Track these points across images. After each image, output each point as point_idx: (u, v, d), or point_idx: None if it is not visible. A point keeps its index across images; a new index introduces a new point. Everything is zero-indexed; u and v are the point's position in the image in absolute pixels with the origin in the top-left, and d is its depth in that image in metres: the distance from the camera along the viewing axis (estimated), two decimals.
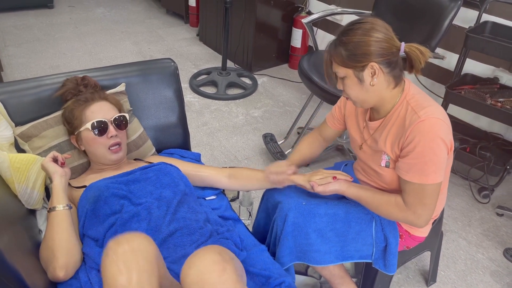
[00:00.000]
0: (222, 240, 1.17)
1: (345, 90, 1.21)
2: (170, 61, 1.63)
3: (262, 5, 3.21)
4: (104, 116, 1.30)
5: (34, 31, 3.96)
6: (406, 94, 1.19)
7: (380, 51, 1.12)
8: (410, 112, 1.15)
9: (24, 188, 1.19)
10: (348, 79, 1.17)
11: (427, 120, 1.11)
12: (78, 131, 1.30)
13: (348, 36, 1.13)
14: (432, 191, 1.15)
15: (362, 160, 1.37)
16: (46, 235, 1.12)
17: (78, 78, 1.39)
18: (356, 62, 1.13)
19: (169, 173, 1.32)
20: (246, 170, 1.46)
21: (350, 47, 1.12)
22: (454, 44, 2.49)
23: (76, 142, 1.34)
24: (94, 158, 1.35)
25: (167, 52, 3.74)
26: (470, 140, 2.37)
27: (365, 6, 2.88)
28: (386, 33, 1.13)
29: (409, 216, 1.19)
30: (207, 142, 2.59)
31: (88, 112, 1.30)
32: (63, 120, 1.35)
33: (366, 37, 1.11)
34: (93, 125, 1.27)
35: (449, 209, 2.18)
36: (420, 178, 1.14)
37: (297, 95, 3.19)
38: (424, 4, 2.09)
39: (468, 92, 2.20)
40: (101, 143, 1.29)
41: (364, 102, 1.21)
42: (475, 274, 1.84)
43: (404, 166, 1.17)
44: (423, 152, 1.11)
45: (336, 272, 1.42)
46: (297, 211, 1.31)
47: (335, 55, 1.17)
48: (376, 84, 1.15)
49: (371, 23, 1.13)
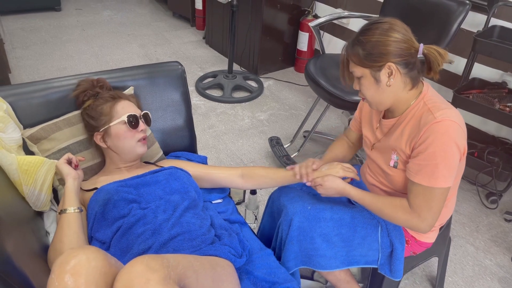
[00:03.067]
0: (220, 247, 1.16)
1: (362, 90, 1.20)
2: (178, 64, 1.64)
3: (268, 9, 3.22)
4: (135, 111, 1.35)
5: (42, 34, 3.99)
6: (424, 95, 1.18)
7: (398, 51, 1.11)
8: (426, 112, 1.14)
9: (32, 190, 1.19)
10: (364, 79, 1.17)
11: (443, 122, 1.09)
12: (107, 126, 1.32)
13: (366, 35, 1.13)
14: (440, 195, 1.14)
15: (372, 160, 1.35)
16: (55, 237, 1.12)
17: (93, 80, 1.42)
18: (373, 62, 1.12)
19: (179, 177, 1.32)
20: (260, 169, 1.45)
21: (368, 46, 1.12)
22: (462, 48, 2.48)
23: (102, 138, 1.35)
24: (115, 156, 1.35)
25: (174, 55, 3.75)
26: (478, 144, 2.35)
27: (372, 9, 2.88)
28: (405, 33, 1.13)
29: (413, 219, 1.16)
30: (213, 145, 2.59)
31: (118, 107, 1.33)
32: (86, 118, 1.36)
33: (384, 37, 1.11)
34: (129, 118, 1.31)
35: (456, 214, 2.16)
36: (429, 180, 1.12)
37: (303, 99, 3.19)
38: (432, 8, 2.08)
39: (476, 96, 2.19)
40: (132, 136, 1.32)
41: (379, 103, 1.21)
42: (483, 280, 1.82)
43: (414, 167, 1.15)
44: (435, 154, 1.10)
45: (342, 277, 1.41)
46: (303, 215, 1.30)
47: (352, 54, 1.16)
48: (392, 85, 1.15)
49: (390, 23, 1.13)
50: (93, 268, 0.82)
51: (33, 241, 1.10)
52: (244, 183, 1.44)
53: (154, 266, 0.83)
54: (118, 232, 1.16)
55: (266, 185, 1.45)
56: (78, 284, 0.80)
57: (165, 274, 0.84)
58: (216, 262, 1.08)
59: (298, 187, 1.48)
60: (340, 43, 3.36)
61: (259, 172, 1.44)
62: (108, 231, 1.17)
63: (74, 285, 0.80)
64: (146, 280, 0.81)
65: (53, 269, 0.83)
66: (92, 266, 0.82)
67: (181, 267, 0.92)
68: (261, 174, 1.43)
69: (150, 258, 0.85)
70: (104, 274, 0.84)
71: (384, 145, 1.28)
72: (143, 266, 0.83)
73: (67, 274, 0.80)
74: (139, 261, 0.84)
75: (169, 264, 0.88)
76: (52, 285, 0.81)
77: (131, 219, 1.17)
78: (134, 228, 1.16)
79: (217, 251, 1.13)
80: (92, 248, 0.86)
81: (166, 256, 0.91)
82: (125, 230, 1.16)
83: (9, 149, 1.20)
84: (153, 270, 0.82)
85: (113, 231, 1.17)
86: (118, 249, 1.14)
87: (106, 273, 0.84)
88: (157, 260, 0.86)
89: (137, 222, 1.17)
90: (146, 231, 1.15)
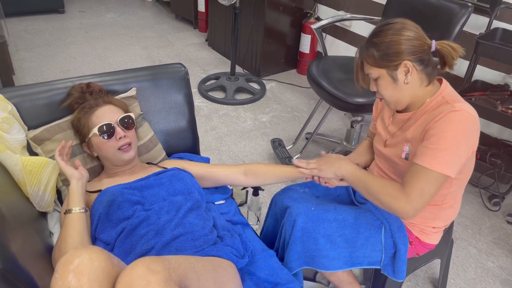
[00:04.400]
0: (222, 248, 1.16)
1: (379, 90, 1.22)
2: (181, 66, 1.64)
3: (271, 11, 3.23)
4: (109, 119, 1.30)
5: (45, 36, 4.01)
6: (442, 90, 1.19)
7: (412, 49, 1.13)
8: (444, 103, 1.15)
9: (36, 191, 1.20)
10: (381, 79, 1.18)
11: (461, 112, 1.10)
12: (87, 138, 1.32)
13: (379, 37, 1.15)
14: (434, 180, 1.09)
15: (384, 156, 1.34)
16: (60, 237, 1.13)
17: (83, 86, 1.40)
18: (389, 62, 1.14)
19: (183, 179, 1.33)
20: (262, 166, 1.45)
21: (382, 47, 1.14)
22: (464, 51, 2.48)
23: (88, 149, 1.35)
24: (108, 163, 1.35)
25: (176, 57, 3.77)
26: (481, 147, 2.35)
27: (374, 12, 2.88)
28: (416, 31, 1.15)
29: (401, 197, 1.10)
30: (216, 146, 2.60)
31: (93, 118, 1.31)
32: (74, 130, 1.37)
33: (397, 36, 1.13)
34: (101, 129, 1.28)
35: (459, 216, 2.16)
36: (430, 162, 1.09)
37: (305, 101, 3.19)
38: (434, 11, 2.08)
39: (478, 98, 2.19)
40: (111, 146, 1.29)
41: (398, 102, 1.22)
42: (485, 282, 1.82)
43: (420, 150, 1.13)
44: (445, 139, 1.08)
45: (345, 278, 1.42)
46: (306, 216, 1.30)
47: (367, 57, 1.18)
48: (410, 82, 1.16)
49: (401, 22, 1.15)
50: (96, 268, 0.82)
51: (37, 241, 1.11)
52: (247, 180, 1.44)
53: (155, 268, 0.84)
54: (122, 234, 1.17)
55: (268, 181, 1.45)
56: (81, 283, 0.80)
57: (166, 276, 0.84)
58: (218, 263, 1.09)
59: (301, 189, 1.49)
60: (342, 45, 3.36)
61: (261, 168, 1.44)
62: (112, 232, 1.18)
63: (77, 284, 0.80)
64: (147, 282, 0.81)
65: (56, 268, 0.83)
66: (95, 266, 0.82)
67: (183, 268, 0.92)
68: (264, 171, 1.44)
69: (151, 260, 0.86)
70: (107, 274, 0.84)
71: (397, 140, 1.28)
72: (144, 268, 0.83)
73: (71, 274, 0.81)
74: (140, 263, 0.84)
75: (170, 266, 0.88)
76: (55, 284, 0.81)
77: (135, 221, 1.17)
78: (138, 229, 1.16)
79: (219, 252, 1.13)
80: (95, 248, 0.86)
81: (168, 258, 0.91)
82: (129, 232, 1.17)
83: (13, 150, 1.21)
84: (154, 272, 0.83)
85: (117, 233, 1.17)
86: (122, 250, 1.15)
87: (109, 273, 0.85)
88: (158, 262, 0.86)
89: (141, 223, 1.17)
90: (149, 232, 1.15)
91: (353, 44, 3.26)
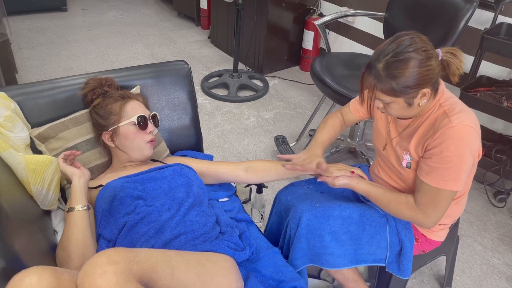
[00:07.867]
0: (218, 242, 1.14)
1: (388, 111, 1.17)
2: (184, 63, 1.64)
3: (273, 8, 3.21)
4: (144, 112, 1.35)
5: (48, 34, 4.01)
6: (439, 97, 1.17)
7: (433, 77, 1.08)
8: (442, 114, 1.13)
9: (40, 189, 1.20)
10: (395, 104, 1.13)
11: (459, 127, 1.08)
12: (116, 126, 1.32)
13: (398, 69, 1.05)
14: (447, 197, 1.14)
15: (385, 158, 1.34)
16: (63, 235, 1.12)
17: (101, 78, 1.42)
18: (409, 93, 1.08)
19: (185, 174, 1.32)
20: (263, 162, 1.46)
21: (403, 80, 1.05)
22: (469, 46, 2.46)
23: (111, 137, 1.35)
24: (123, 156, 1.36)
25: (179, 55, 3.76)
26: (486, 143, 2.33)
27: (377, 7, 2.86)
28: (434, 53, 1.08)
29: (418, 215, 1.18)
30: (219, 144, 2.59)
31: (128, 107, 1.34)
32: (95, 116, 1.36)
33: (420, 69, 1.05)
34: (138, 119, 1.32)
35: (464, 213, 2.15)
36: (438, 182, 1.12)
37: (309, 97, 3.18)
38: (438, 6, 2.06)
39: (483, 94, 2.17)
40: (140, 138, 1.33)
41: (404, 116, 1.20)
42: (491, 279, 1.80)
43: (425, 167, 1.15)
44: (448, 158, 1.09)
45: (350, 275, 1.41)
46: (311, 213, 1.30)
47: (383, 87, 1.08)
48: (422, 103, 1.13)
49: (417, 49, 1.05)
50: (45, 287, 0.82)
51: (41, 239, 1.11)
52: (248, 176, 1.44)
53: (115, 259, 0.84)
54: (123, 230, 1.16)
55: (270, 177, 1.45)
56: None
57: (125, 267, 0.84)
58: (209, 258, 1.07)
59: (305, 185, 1.48)
60: (345, 41, 3.34)
61: (262, 165, 1.44)
62: (114, 228, 1.17)
63: None
64: (102, 271, 0.81)
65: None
66: (43, 286, 0.82)
67: (152, 262, 0.91)
68: (265, 167, 1.44)
69: (115, 251, 0.86)
70: None
71: (396, 146, 1.27)
72: (104, 258, 0.84)
73: None
74: (103, 253, 0.85)
75: (135, 258, 0.88)
76: None
77: (136, 217, 1.17)
78: (138, 227, 1.16)
79: (214, 247, 1.12)
80: (44, 268, 0.85)
81: (137, 250, 0.91)
82: (130, 228, 1.16)
83: (17, 148, 1.21)
84: (113, 262, 0.83)
85: (118, 228, 1.17)
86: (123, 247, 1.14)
87: None
88: (120, 253, 0.86)
89: (142, 220, 1.17)
90: (149, 230, 1.14)
91: (357, 40, 3.25)
